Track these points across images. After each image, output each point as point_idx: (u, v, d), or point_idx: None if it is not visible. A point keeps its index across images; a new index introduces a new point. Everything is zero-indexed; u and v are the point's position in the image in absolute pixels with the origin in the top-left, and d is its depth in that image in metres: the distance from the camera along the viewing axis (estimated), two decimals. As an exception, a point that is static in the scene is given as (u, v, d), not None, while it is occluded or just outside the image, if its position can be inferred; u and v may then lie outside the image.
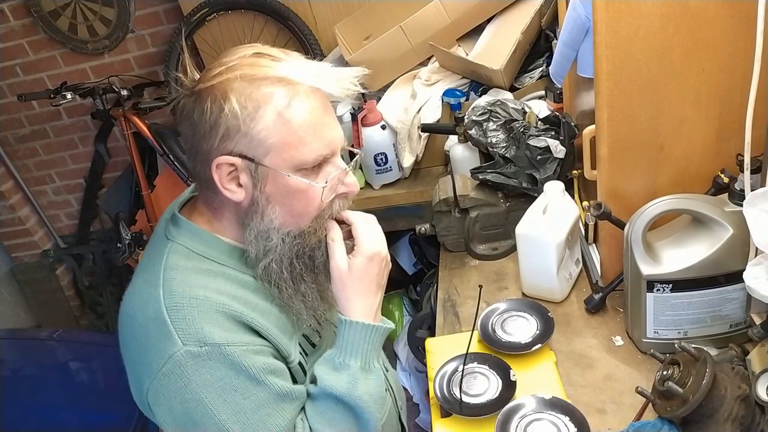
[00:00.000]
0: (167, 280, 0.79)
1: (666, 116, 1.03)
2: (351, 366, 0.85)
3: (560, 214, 1.26)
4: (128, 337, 0.80)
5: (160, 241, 0.85)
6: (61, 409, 1.77)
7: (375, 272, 0.88)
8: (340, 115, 1.96)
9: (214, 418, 0.75)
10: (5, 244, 3.08)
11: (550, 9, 1.79)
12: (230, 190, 0.80)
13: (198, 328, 0.75)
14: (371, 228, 0.90)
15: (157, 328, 0.75)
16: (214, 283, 0.80)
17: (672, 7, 0.93)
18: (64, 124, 2.82)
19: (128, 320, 0.81)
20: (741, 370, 0.89)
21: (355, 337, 0.86)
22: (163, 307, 0.76)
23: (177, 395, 0.74)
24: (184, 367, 0.74)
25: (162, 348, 0.74)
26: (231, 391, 0.75)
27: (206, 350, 0.74)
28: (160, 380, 0.75)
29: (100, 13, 2.47)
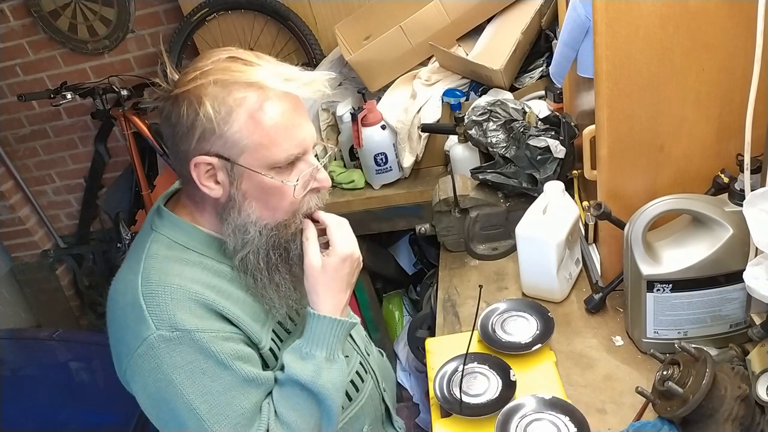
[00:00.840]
0: (146, 268, 0.84)
1: (666, 116, 1.03)
2: (316, 356, 0.90)
3: (560, 214, 1.26)
4: (111, 320, 0.86)
5: (145, 231, 0.91)
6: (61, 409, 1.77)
7: (346, 272, 0.93)
8: (340, 115, 1.96)
9: (183, 398, 0.80)
10: (5, 244, 3.08)
11: (550, 9, 1.79)
12: (208, 187, 0.85)
13: (171, 314, 0.80)
14: (344, 230, 0.95)
15: (134, 313, 0.81)
16: (190, 272, 0.86)
17: (672, 7, 0.93)
18: (64, 124, 2.82)
19: (111, 303, 0.87)
20: (741, 370, 0.89)
21: (322, 330, 0.91)
22: (140, 293, 0.82)
23: (150, 375, 0.80)
24: (156, 350, 0.79)
25: (137, 331, 0.80)
26: (199, 374, 0.81)
27: (177, 335, 0.80)
28: (135, 360, 0.81)
29: (100, 13, 2.47)
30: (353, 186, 1.95)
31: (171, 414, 0.82)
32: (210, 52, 0.84)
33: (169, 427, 0.84)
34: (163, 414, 0.83)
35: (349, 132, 1.91)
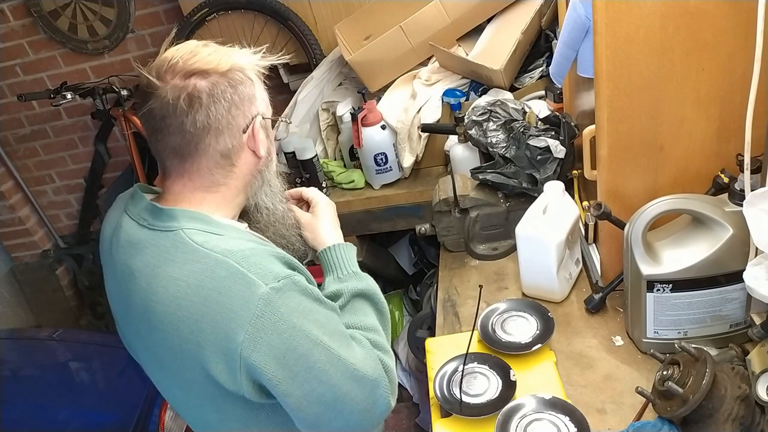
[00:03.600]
0: (214, 247, 0.85)
1: (666, 116, 1.03)
2: (357, 272, 1.04)
3: (560, 214, 1.26)
4: (200, 313, 0.83)
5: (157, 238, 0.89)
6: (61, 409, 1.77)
7: (331, 212, 1.12)
8: (340, 115, 1.96)
9: (309, 337, 0.84)
10: (5, 244, 3.08)
11: (550, 9, 1.79)
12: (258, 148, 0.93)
13: (269, 269, 0.84)
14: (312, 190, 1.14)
15: (237, 282, 0.82)
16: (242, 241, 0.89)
17: (672, 7, 0.93)
18: (64, 124, 2.82)
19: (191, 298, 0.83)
20: (741, 370, 0.90)
21: (342, 255, 1.05)
22: (232, 263, 0.83)
23: (274, 329, 0.82)
24: (273, 303, 0.82)
25: (248, 295, 0.81)
26: (309, 311, 0.86)
27: (283, 283, 0.83)
28: (255, 323, 0.81)
29: (100, 13, 2.47)
30: (353, 186, 1.95)
31: (301, 360, 0.83)
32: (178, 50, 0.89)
33: (302, 375, 0.84)
34: (293, 364, 0.83)
35: (349, 132, 1.91)
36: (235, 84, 0.88)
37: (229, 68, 0.88)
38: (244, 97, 0.90)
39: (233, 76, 0.88)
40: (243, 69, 0.90)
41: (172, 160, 0.90)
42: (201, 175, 0.90)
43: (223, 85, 0.86)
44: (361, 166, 1.94)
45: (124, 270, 0.91)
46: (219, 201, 0.93)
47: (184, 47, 0.88)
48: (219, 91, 0.86)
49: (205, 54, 0.87)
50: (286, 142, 1.95)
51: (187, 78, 0.85)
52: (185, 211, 0.89)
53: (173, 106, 0.84)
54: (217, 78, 0.86)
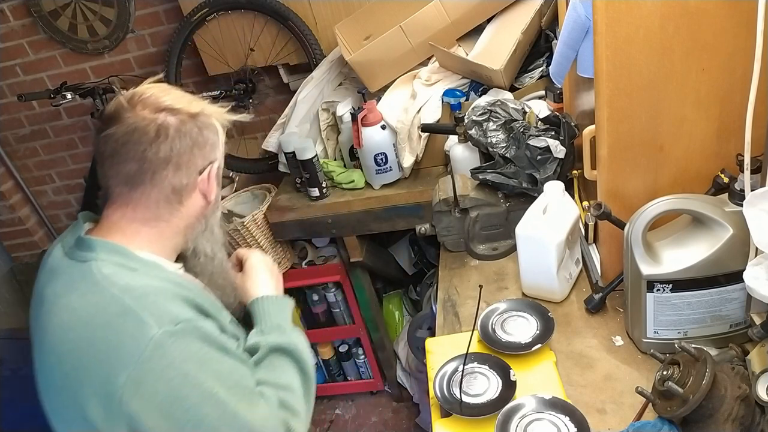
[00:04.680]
0: (117, 281, 0.83)
1: (666, 116, 1.03)
2: (282, 325, 1.00)
3: (560, 214, 1.26)
4: (84, 348, 0.80)
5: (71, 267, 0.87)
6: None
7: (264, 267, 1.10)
8: (340, 115, 1.96)
9: (202, 387, 0.80)
10: (5, 244, 3.08)
11: (550, 9, 1.79)
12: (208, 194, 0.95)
13: (168, 310, 0.81)
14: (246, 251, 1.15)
15: (128, 320, 0.79)
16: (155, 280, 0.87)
17: (672, 7, 0.93)
18: (64, 124, 2.82)
19: (78, 332, 0.81)
20: (741, 370, 0.90)
21: (267, 307, 1.02)
22: (127, 300, 0.80)
23: (162, 376, 0.77)
24: (164, 347, 0.78)
25: (138, 336, 0.78)
26: (208, 360, 0.82)
27: (180, 327, 0.80)
28: (141, 366, 0.77)
29: (100, 13, 2.47)
30: (353, 186, 1.95)
31: (189, 413, 0.79)
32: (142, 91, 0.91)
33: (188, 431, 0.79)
34: (179, 417, 0.78)
35: (349, 132, 1.91)
36: (202, 127, 0.91)
37: (199, 112, 0.91)
38: (208, 141, 0.92)
39: (201, 119, 0.91)
40: (210, 116, 0.93)
41: (121, 187, 0.89)
42: (146, 206, 0.90)
43: (190, 124, 0.89)
44: (361, 166, 1.94)
45: (36, 296, 0.90)
46: (154, 236, 0.91)
47: (158, 85, 0.91)
48: (186, 128, 0.89)
49: (177, 95, 0.91)
50: (286, 142, 1.95)
51: (157, 112, 0.87)
52: (107, 243, 0.88)
53: (139, 133, 0.85)
54: (186, 117, 0.89)
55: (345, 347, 2.55)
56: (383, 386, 2.62)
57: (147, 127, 0.85)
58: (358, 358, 2.55)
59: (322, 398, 2.70)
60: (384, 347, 2.44)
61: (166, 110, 0.88)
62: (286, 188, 2.12)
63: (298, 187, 2.04)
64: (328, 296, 2.33)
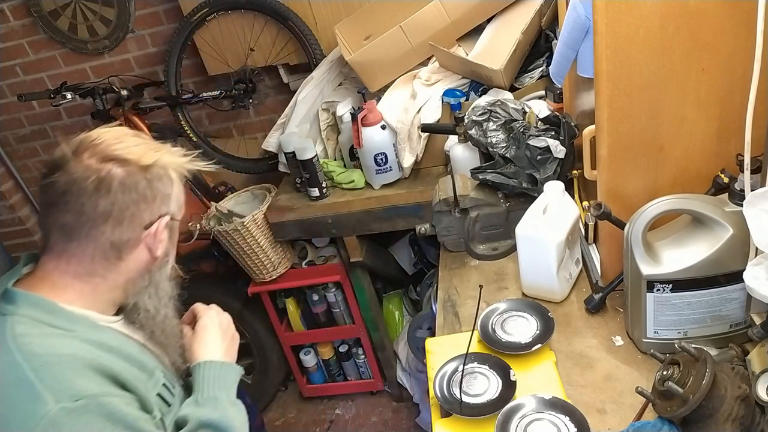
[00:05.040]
0: (23, 345, 0.76)
1: (666, 116, 1.03)
2: (219, 397, 0.92)
3: (560, 214, 1.26)
4: None
5: None
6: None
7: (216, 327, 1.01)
8: (341, 115, 1.96)
9: None
10: (5, 244, 3.08)
11: (550, 9, 1.79)
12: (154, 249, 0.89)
13: (70, 384, 0.74)
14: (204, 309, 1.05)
15: (22, 393, 0.73)
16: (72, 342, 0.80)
17: (672, 7, 0.93)
18: (64, 124, 2.82)
19: None
20: (741, 370, 0.90)
21: (208, 375, 0.94)
22: (26, 370, 0.74)
23: None
24: (59, 426, 0.71)
25: (31, 411, 0.71)
26: None
27: (81, 404, 0.73)
28: None
29: (100, 13, 2.47)
30: (353, 186, 1.95)
31: None
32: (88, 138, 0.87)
33: None
34: None
35: (349, 132, 1.91)
36: (152, 179, 0.86)
37: (152, 164, 0.86)
38: (158, 195, 0.87)
39: (153, 172, 0.86)
40: (165, 167, 0.88)
41: (57, 236, 0.84)
42: (80, 261, 0.84)
43: (138, 176, 0.84)
44: (361, 166, 1.94)
45: None
46: (87, 292, 0.86)
47: (113, 131, 0.87)
48: (133, 182, 0.83)
49: (131, 143, 0.86)
50: (286, 142, 1.95)
51: (104, 162, 0.82)
52: (31, 297, 0.82)
53: (78, 185, 0.81)
54: (135, 170, 0.84)
55: (345, 347, 2.55)
56: (383, 386, 2.62)
57: (87, 180, 0.81)
58: (358, 358, 2.55)
59: (322, 398, 2.70)
60: (384, 347, 2.44)
61: (115, 160, 0.83)
62: (286, 188, 2.12)
63: (298, 187, 2.04)
64: (328, 296, 2.33)
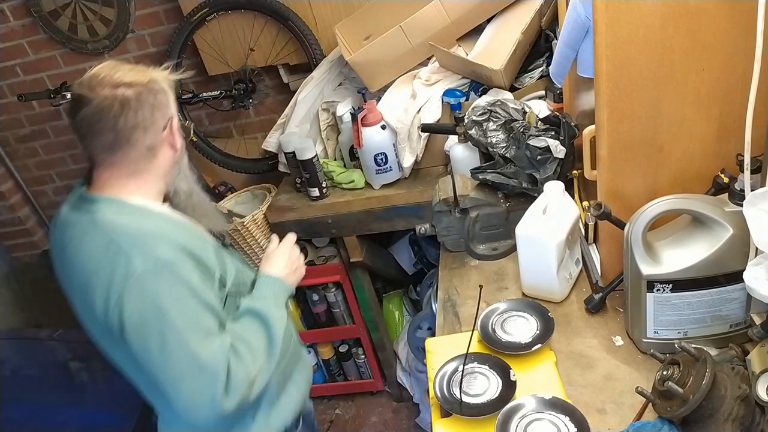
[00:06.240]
0: (114, 227, 1.03)
1: (666, 116, 1.03)
2: (267, 297, 1.18)
3: (560, 214, 1.26)
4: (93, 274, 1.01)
5: (79, 219, 1.07)
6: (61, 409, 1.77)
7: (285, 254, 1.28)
8: (340, 115, 1.96)
9: (167, 318, 0.99)
10: (5, 244, 3.08)
11: (550, 9, 1.79)
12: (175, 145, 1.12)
13: (152, 252, 1.00)
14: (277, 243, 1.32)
15: (118, 260, 0.99)
16: (149, 221, 1.06)
17: (672, 7, 0.93)
18: (64, 124, 2.82)
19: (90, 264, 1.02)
20: (741, 370, 0.90)
21: (264, 282, 1.21)
22: (120, 243, 1.00)
23: (139, 304, 0.99)
24: (144, 282, 0.98)
25: (124, 272, 0.98)
26: (177, 299, 1.00)
27: (160, 267, 1.00)
28: (125, 294, 0.98)
29: (100, 13, 2.47)
30: (353, 186, 1.95)
31: (154, 335, 0.99)
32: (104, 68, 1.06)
33: (151, 346, 0.99)
34: (147, 336, 0.99)
35: (349, 132, 1.91)
36: (156, 92, 1.07)
37: (149, 80, 1.06)
38: (162, 102, 1.08)
39: (152, 86, 1.07)
40: (158, 81, 1.08)
41: (103, 154, 1.06)
42: (128, 164, 1.08)
43: (145, 92, 1.05)
44: (361, 166, 1.94)
45: (57, 245, 1.10)
46: (140, 185, 1.10)
47: (107, 65, 1.06)
48: (144, 97, 1.05)
49: (126, 69, 1.06)
50: (286, 142, 1.95)
51: (116, 88, 1.02)
52: (104, 197, 1.07)
53: (106, 110, 1.01)
54: (141, 88, 1.04)
55: (345, 347, 2.55)
56: (383, 386, 2.62)
57: (111, 105, 1.01)
58: (358, 358, 2.55)
59: (322, 398, 2.70)
60: (384, 347, 2.44)
61: (122, 85, 1.03)
62: (286, 188, 2.12)
63: (298, 187, 2.04)
64: (328, 296, 2.33)
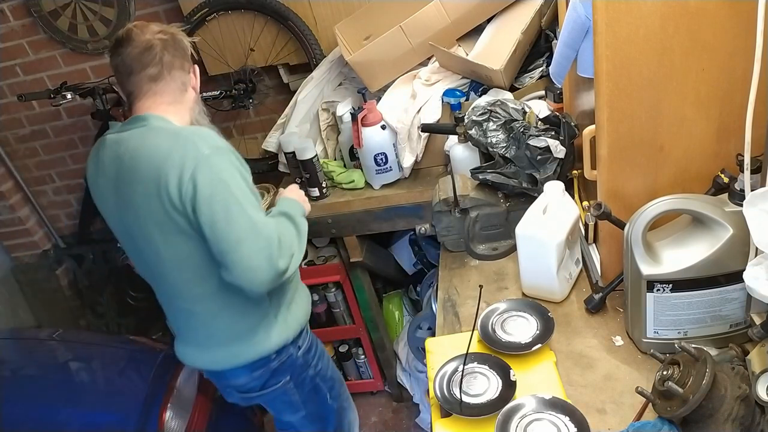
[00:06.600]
0: (174, 127, 1.29)
1: (666, 116, 1.03)
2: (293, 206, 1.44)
3: (560, 214, 1.26)
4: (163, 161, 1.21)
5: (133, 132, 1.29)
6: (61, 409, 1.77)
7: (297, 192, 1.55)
8: (340, 115, 1.96)
9: (231, 190, 1.21)
10: (5, 244, 3.08)
11: (550, 9, 1.79)
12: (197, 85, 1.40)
13: (212, 140, 1.24)
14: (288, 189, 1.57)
15: (187, 146, 1.22)
16: None
17: (672, 7, 0.93)
18: (64, 124, 2.82)
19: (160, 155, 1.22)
20: (741, 370, 0.90)
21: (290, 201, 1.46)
22: (186, 135, 1.25)
23: (208, 177, 1.20)
24: (211, 160, 1.21)
25: (193, 154, 1.20)
26: (236, 176, 1.23)
27: (220, 150, 1.23)
28: (197, 170, 1.19)
29: (100, 13, 2.47)
30: (353, 186, 1.95)
31: (220, 203, 1.20)
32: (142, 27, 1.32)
33: (218, 210, 1.20)
34: (215, 204, 1.20)
35: (349, 132, 1.91)
36: (181, 41, 1.34)
37: (174, 32, 1.33)
38: (186, 50, 1.36)
39: (177, 38, 1.33)
40: (178, 34, 1.35)
41: (147, 84, 1.30)
42: (169, 94, 1.33)
43: (175, 40, 1.32)
44: (361, 166, 1.94)
45: (112, 161, 1.29)
46: (176, 111, 1.34)
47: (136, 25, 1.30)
48: (175, 43, 1.32)
49: (153, 25, 1.32)
50: (286, 142, 1.95)
51: (156, 34, 1.29)
52: (153, 114, 1.30)
53: (152, 46, 1.28)
54: (170, 37, 1.32)
55: (345, 347, 2.55)
56: (383, 386, 2.62)
57: (155, 43, 1.28)
58: (358, 358, 2.55)
59: None
60: (384, 347, 2.44)
61: (160, 32, 1.30)
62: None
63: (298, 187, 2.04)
64: (328, 296, 2.33)
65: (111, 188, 1.32)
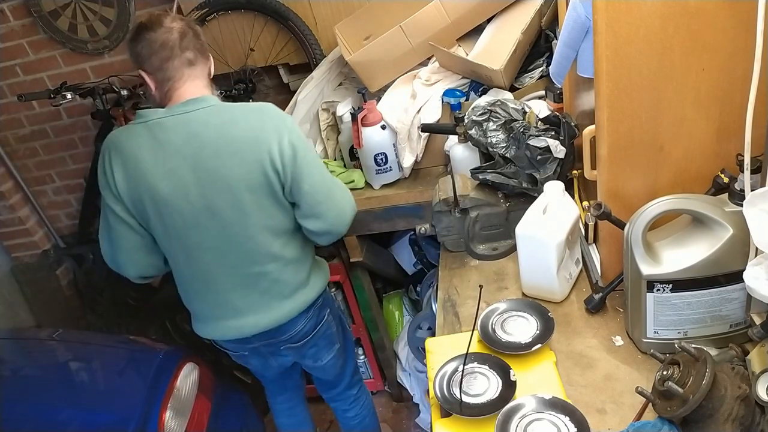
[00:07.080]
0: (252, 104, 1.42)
1: (666, 116, 1.03)
2: None
3: (560, 214, 1.26)
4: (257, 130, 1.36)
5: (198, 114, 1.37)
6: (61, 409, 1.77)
7: None
8: (341, 115, 1.96)
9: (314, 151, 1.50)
10: (5, 244, 3.08)
11: (550, 9, 1.79)
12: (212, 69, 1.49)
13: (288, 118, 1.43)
14: None
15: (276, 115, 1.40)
16: None
17: (672, 7, 0.93)
18: (64, 124, 2.82)
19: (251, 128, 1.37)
20: (741, 370, 0.90)
21: None
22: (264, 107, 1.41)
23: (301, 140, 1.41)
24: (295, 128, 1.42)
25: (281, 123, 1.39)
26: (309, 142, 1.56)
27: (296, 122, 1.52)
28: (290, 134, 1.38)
29: (100, 13, 2.47)
30: (353, 186, 1.95)
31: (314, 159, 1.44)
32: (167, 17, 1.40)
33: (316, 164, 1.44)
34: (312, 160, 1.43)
35: (349, 132, 1.91)
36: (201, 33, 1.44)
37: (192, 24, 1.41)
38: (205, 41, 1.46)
39: (196, 29, 1.42)
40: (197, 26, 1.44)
41: (185, 68, 1.38)
42: (204, 77, 1.44)
43: (197, 30, 1.42)
44: (361, 166, 1.94)
45: (186, 140, 1.34)
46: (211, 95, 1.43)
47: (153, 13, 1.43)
48: (199, 32, 1.43)
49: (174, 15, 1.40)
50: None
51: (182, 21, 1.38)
52: (208, 96, 1.40)
53: (187, 34, 1.37)
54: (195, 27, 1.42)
55: (345, 347, 2.55)
56: (383, 386, 2.62)
57: (188, 29, 1.38)
58: (358, 358, 2.55)
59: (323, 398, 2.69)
60: (384, 347, 2.44)
61: (185, 20, 1.40)
62: (286, 188, 2.12)
63: (298, 187, 2.04)
64: (328, 296, 2.33)
65: (188, 166, 1.35)
